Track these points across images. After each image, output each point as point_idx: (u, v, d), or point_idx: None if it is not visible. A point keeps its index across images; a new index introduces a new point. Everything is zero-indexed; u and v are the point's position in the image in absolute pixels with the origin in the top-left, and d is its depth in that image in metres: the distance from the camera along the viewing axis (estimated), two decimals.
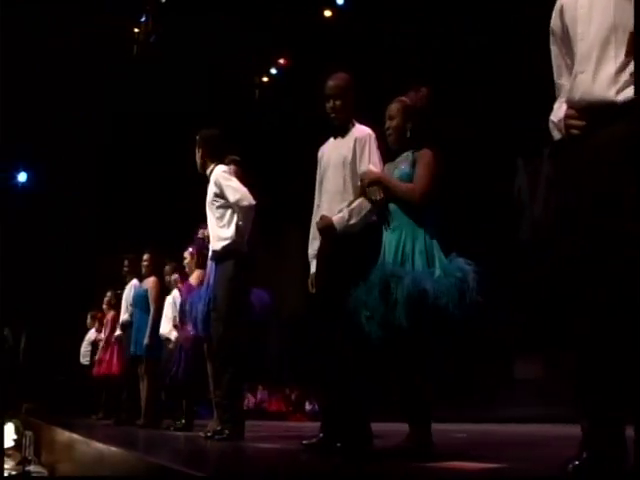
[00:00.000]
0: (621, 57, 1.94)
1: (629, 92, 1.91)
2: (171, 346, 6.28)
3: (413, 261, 2.88)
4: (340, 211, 3.36)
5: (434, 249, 2.92)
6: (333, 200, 3.41)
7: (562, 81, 2.20)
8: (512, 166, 9.45)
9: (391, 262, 2.92)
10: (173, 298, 6.55)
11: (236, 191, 4.38)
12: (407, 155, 3.10)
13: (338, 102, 3.44)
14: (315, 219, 3.49)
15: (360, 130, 3.44)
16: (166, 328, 6.48)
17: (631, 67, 1.91)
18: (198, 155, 4.68)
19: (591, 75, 2.00)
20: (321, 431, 3.31)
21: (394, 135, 3.15)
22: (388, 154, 3.31)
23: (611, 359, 1.90)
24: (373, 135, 3.41)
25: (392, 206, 3.03)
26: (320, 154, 3.61)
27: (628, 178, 1.86)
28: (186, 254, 6.20)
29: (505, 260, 9.11)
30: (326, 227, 3.36)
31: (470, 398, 9.47)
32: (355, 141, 3.39)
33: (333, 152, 3.50)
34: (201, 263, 6.00)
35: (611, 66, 1.96)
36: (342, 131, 3.48)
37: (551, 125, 2.19)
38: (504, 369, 9.71)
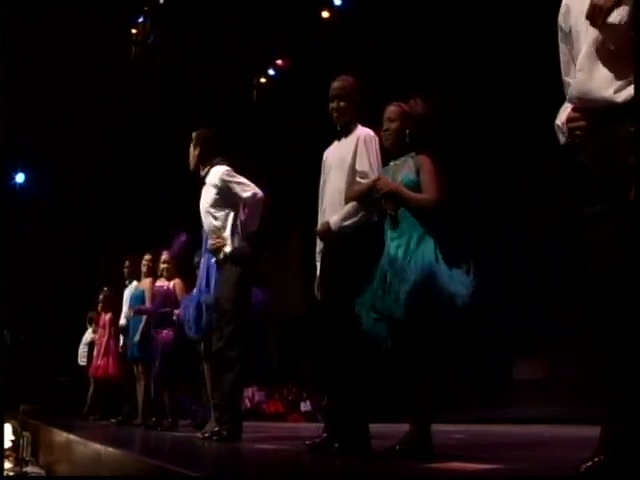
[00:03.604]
0: (619, 56, 1.92)
1: (628, 91, 1.89)
2: None
3: (423, 256, 2.86)
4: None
5: (439, 257, 2.90)
6: (333, 202, 3.41)
7: (569, 78, 2.15)
8: (516, 166, 9.42)
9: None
10: None
11: (247, 186, 4.39)
12: (407, 159, 3.09)
13: (342, 104, 3.43)
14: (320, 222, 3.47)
15: (362, 131, 3.43)
16: None
17: (629, 66, 1.89)
18: (194, 154, 4.60)
19: (588, 74, 1.99)
20: (324, 431, 3.29)
21: (392, 138, 3.15)
22: (384, 156, 3.30)
23: None
24: (375, 137, 3.38)
25: (400, 210, 3.00)
26: (324, 157, 3.60)
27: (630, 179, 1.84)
28: (165, 258, 6.17)
29: (508, 261, 9.12)
30: (324, 231, 3.36)
31: (469, 399, 9.47)
32: (357, 142, 3.38)
33: (336, 154, 3.49)
34: (180, 270, 6.01)
35: (608, 65, 1.95)
36: (345, 133, 3.47)
37: (556, 128, 2.18)
38: (503, 370, 9.70)
